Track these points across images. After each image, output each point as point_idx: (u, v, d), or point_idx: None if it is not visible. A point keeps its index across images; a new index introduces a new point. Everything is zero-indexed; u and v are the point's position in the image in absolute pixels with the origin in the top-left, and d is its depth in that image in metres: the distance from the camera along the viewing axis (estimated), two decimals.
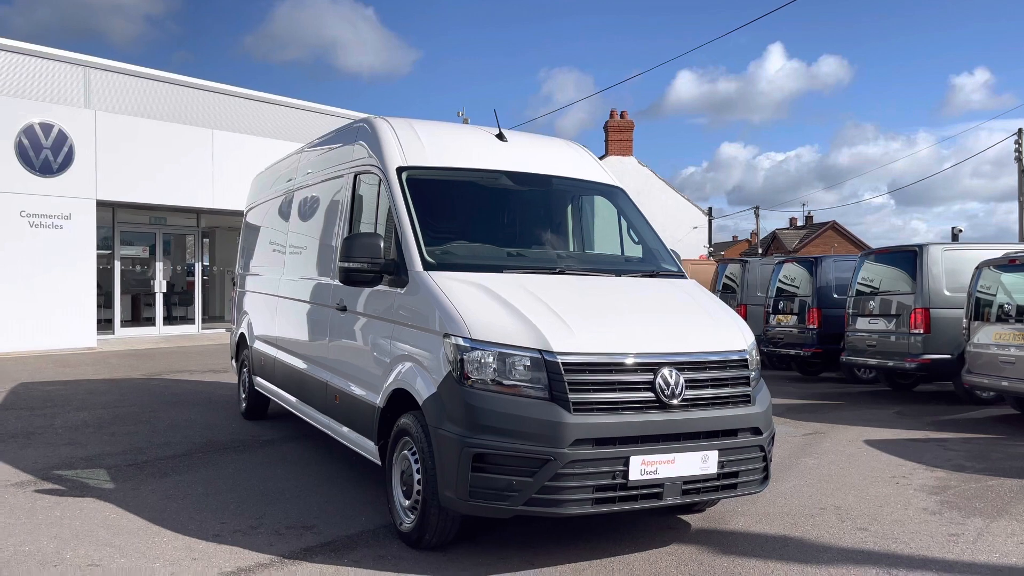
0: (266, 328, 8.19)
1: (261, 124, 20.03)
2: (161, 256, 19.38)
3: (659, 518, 5.34)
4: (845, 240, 65.42)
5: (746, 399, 4.72)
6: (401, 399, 4.89)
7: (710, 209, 39.41)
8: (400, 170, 5.43)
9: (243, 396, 9.08)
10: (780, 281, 15.02)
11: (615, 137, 38.53)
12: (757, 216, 55.63)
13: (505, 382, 4.28)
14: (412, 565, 4.47)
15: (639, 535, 5.02)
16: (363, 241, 5.10)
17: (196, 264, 20.61)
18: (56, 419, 8.86)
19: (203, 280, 21.38)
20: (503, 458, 4.17)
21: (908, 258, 11.37)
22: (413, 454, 4.70)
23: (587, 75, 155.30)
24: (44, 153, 15.67)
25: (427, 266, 4.90)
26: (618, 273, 5.44)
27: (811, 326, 13.80)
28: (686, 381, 4.47)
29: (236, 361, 9.52)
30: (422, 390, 4.59)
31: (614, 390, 4.33)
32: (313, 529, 5.11)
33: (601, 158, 40.02)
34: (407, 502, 4.78)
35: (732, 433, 4.59)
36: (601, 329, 4.50)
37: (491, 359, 4.30)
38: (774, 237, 72.58)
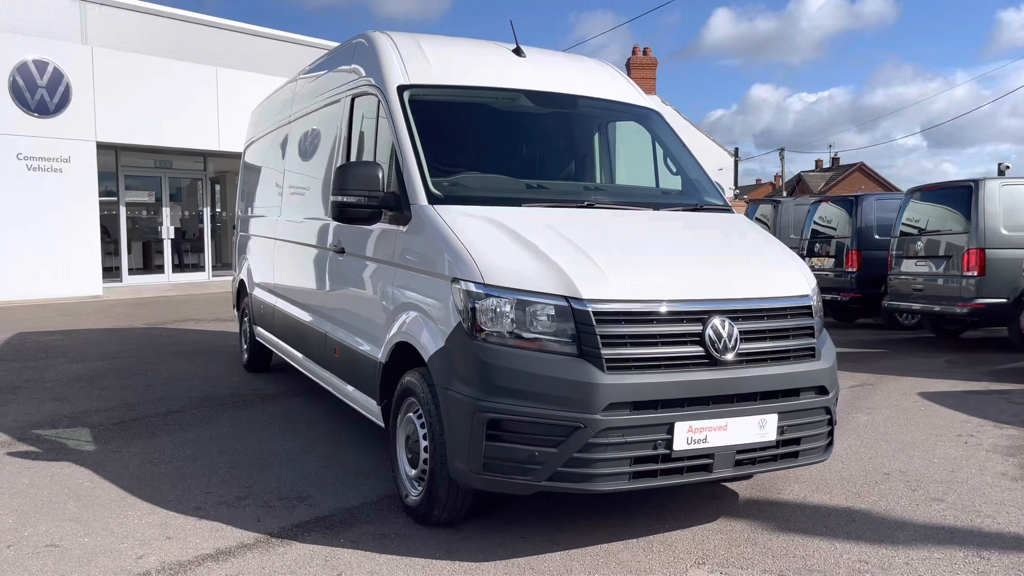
0: (265, 274, 7.54)
1: (268, 61, 19.08)
2: (168, 202, 18.73)
3: (703, 487, 4.67)
4: (873, 182, 63.58)
5: (810, 353, 4.00)
6: (405, 354, 4.21)
7: (736, 150, 38.09)
8: (401, 89, 4.68)
9: (244, 347, 8.48)
10: (816, 222, 14.16)
11: (638, 75, 37.02)
12: (782, 158, 54.14)
13: (525, 335, 3.58)
14: (418, 546, 3.85)
15: (681, 508, 4.36)
16: (358, 171, 4.37)
17: (205, 210, 19.94)
18: (47, 371, 8.32)
19: (215, 226, 20.77)
20: (523, 425, 3.50)
21: (961, 195, 10.47)
22: (419, 417, 4.04)
23: (622, 16, 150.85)
24: (40, 92, 14.93)
25: (432, 199, 4.17)
26: (656, 207, 4.68)
27: (850, 269, 12.96)
28: (741, 332, 3.76)
29: (237, 310, 8.91)
30: (428, 344, 3.91)
31: (656, 344, 3.62)
32: (308, 500, 4.49)
33: None
34: (413, 472, 4.14)
35: (794, 393, 3.89)
36: (639, 272, 3.77)
37: (508, 308, 3.60)
38: (799, 179, 70.84)
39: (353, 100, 5.27)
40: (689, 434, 3.59)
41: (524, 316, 3.58)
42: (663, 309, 3.65)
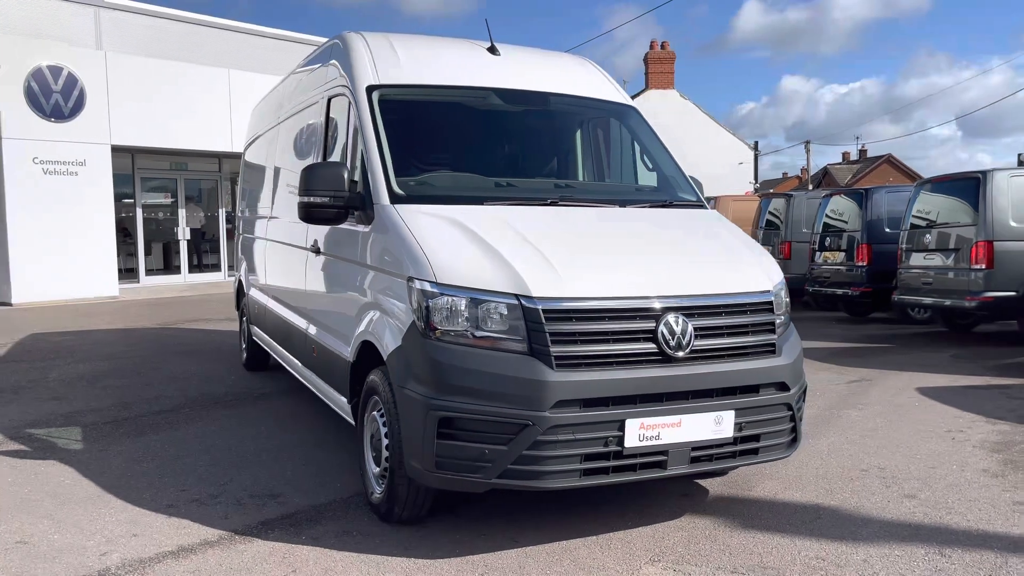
0: (259, 275, 7.63)
1: (279, 62, 19.24)
2: (183, 203, 18.97)
3: (673, 485, 4.65)
4: (901, 174, 62.55)
5: (770, 349, 3.97)
6: (370, 353, 4.25)
7: (756, 144, 37.76)
8: (370, 89, 4.71)
9: (243, 346, 8.59)
10: (827, 216, 13.99)
11: (655, 69, 36.90)
12: (808, 151, 53.44)
13: (477, 333, 3.60)
14: (378, 543, 3.88)
15: (646, 505, 4.36)
16: (323, 172, 4.41)
17: (220, 211, 20.16)
18: (52, 372, 8.48)
19: (231, 227, 20.97)
20: (473, 423, 3.52)
21: (969, 186, 10.29)
22: (382, 416, 4.07)
23: (648, 10, 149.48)
24: (54, 97, 15.19)
25: (395, 199, 4.20)
26: (622, 204, 4.67)
27: (860, 263, 12.80)
28: (696, 329, 3.74)
29: (238, 309, 9.02)
30: (388, 343, 3.94)
31: (608, 341, 3.62)
32: (279, 498, 4.55)
33: (641, 92, 38.62)
34: (377, 469, 4.17)
35: (753, 389, 3.86)
36: (593, 269, 3.77)
37: (460, 307, 3.61)
38: (825, 172, 69.99)
39: (329, 101, 5.32)
40: (641, 431, 3.58)
41: (476, 315, 3.60)
42: (615, 306, 3.64)
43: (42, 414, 6.62)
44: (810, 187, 55.12)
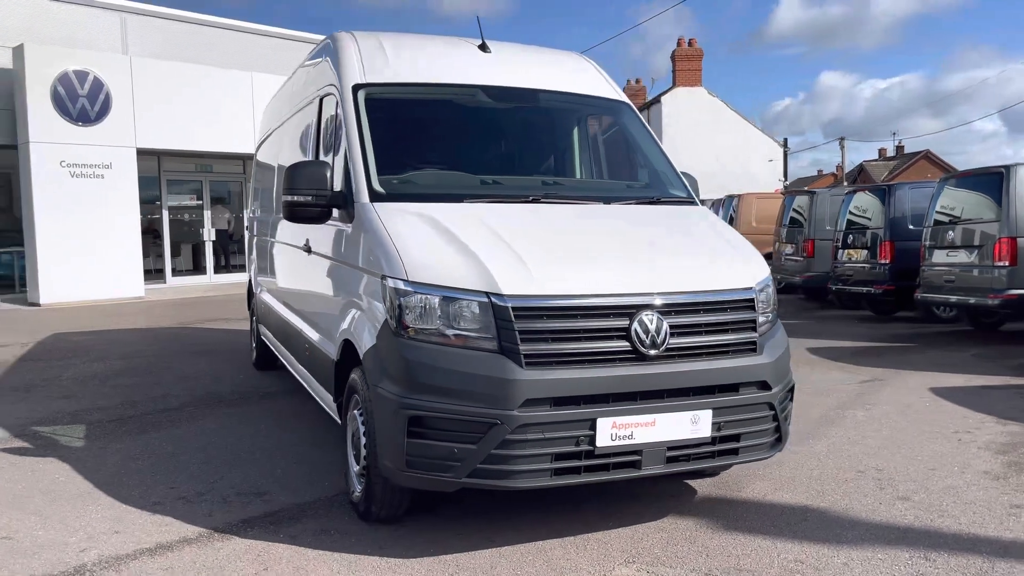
0: (264, 274, 7.69)
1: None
2: (209, 204, 19.21)
3: (661, 485, 4.59)
4: (940, 170, 61.17)
5: (751, 347, 3.89)
6: (352, 351, 4.25)
7: (785, 141, 37.25)
8: (357, 88, 4.71)
9: (253, 345, 8.67)
10: (851, 212, 13.73)
11: (683, 66, 36.55)
12: (842, 147, 52.60)
13: (448, 332, 3.57)
14: (354, 542, 3.87)
15: (631, 505, 4.30)
16: (306, 170, 4.42)
17: (246, 212, 20.35)
18: (67, 371, 8.63)
19: None
20: (443, 422, 3.50)
21: (993, 181, 10.03)
22: (362, 414, 4.07)
23: (686, 7, 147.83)
24: (81, 101, 15.47)
25: (375, 197, 4.19)
26: (607, 201, 4.61)
27: (883, 261, 12.55)
28: (671, 327, 3.68)
29: (249, 309, 9.10)
30: (365, 341, 3.93)
31: (579, 339, 3.57)
32: (265, 496, 4.57)
33: (668, 89, 38.31)
34: (357, 468, 4.17)
35: (732, 388, 3.79)
36: (566, 266, 3.72)
37: (432, 305, 3.59)
38: (861, 170, 68.87)
39: (321, 100, 5.33)
40: (613, 430, 3.53)
41: (447, 313, 3.58)
42: (586, 304, 3.60)
43: (50, 412, 6.73)
44: (844, 184, 54.31)
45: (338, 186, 4.47)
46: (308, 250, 5.25)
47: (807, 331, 11.35)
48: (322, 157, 5.24)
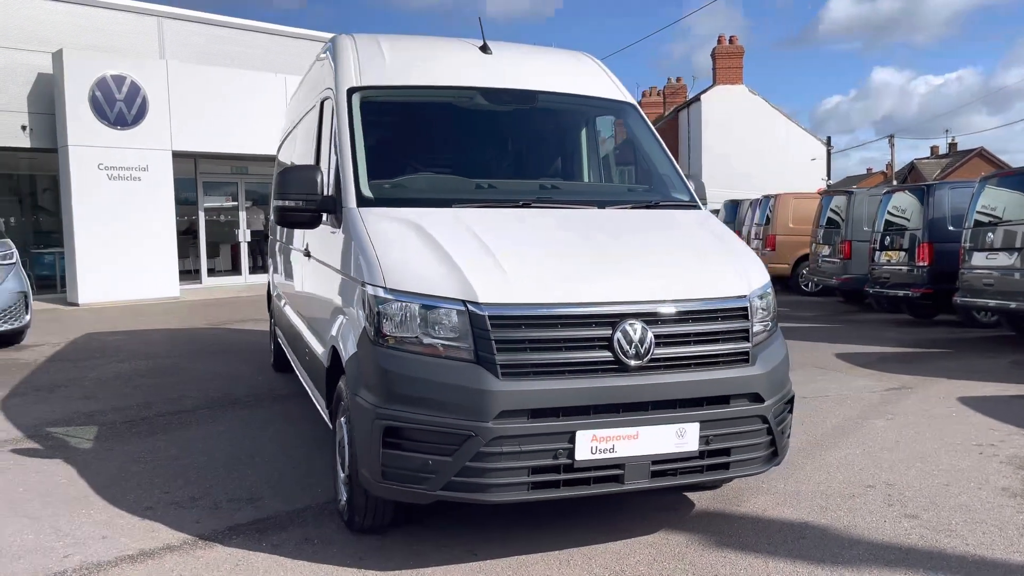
0: (278, 277, 7.71)
1: None
2: (244, 205, 19.44)
3: (658, 498, 4.45)
4: (994, 168, 59.53)
5: (743, 358, 3.73)
6: (339, 358, 4.20)
7: (828, 139, 36.41)
8: (351, 91, 4.66)
9: (272, 347, 8.70)
10: (889, 213, 13.33)
11: (723, 64, 36.00)
12: (892, 145, 51.38)
13: (425, 340, 3.49)
14: (335, 552, 3.82)
15: (623, 519, 4.17)
16: (297, 175, 4.38)
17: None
18: (92, 371, 8.76)
19: None
20: (418, 433, 3.42)
21: None
22: (347, 423, 4.01)
23: (735, 5, 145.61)
24: (118, 105, 15.77)
25: (363, 202, 4.13)
26: (601, 205, 4.48)
27: (921, 263, 12.15)
28: (656, 337, 3.55)
29: (269, 311, 9.15)
30: (348, 349, 3.87)
31: (558, 349, 3.46)
32: (257, 502, 4.54)
33: (708, 88, 37.77)
34: (343, 475, 4.12)
35: (722, 400, 3.65)
36: (547, 274, 3.62)
37: (410, 313, 3.52)
38: (912, 168, 67.18)
39: (322, 104, 5.30)
40: (593, 443, 3.41)
41: (424, 321, 3.50)
42: (567, 312, 3.49)
43: (67, 413, 6.82)
44: (894, 183, 53.02)
45: (331, 190, 4.42)
46: (307, 254, 5.23)
47: (838, 335, 11.05)
48: (322, 161, 5.21)
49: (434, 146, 4.97)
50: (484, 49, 5.16)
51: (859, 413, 6.47)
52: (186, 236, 18.84)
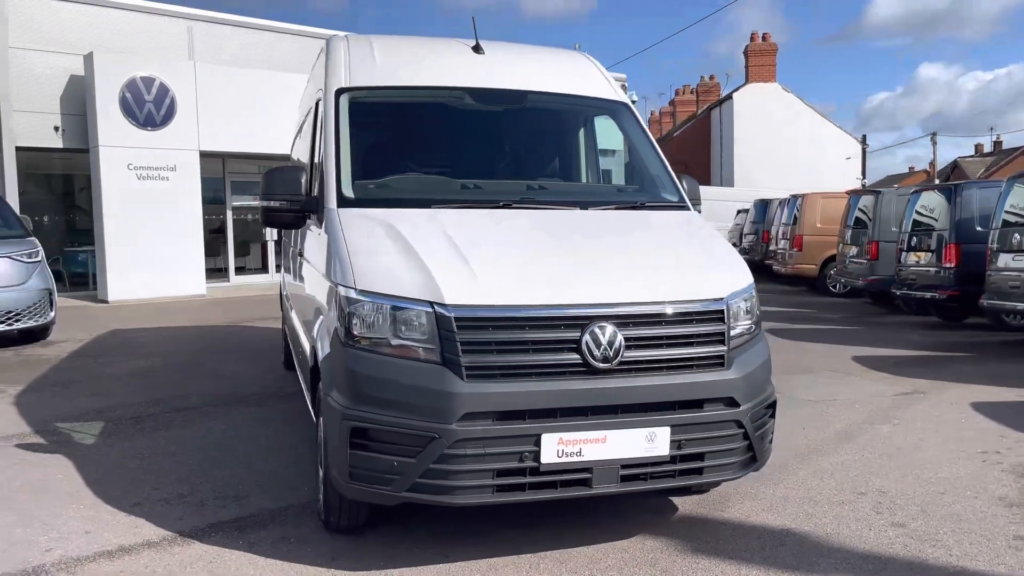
0: (286, 276, 7.79)
1: None
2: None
3: (641, 501, 4.41)
4: None
5: (717, 361, 3.67)
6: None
7: (863, 138, 35.78)
8: (340, 92, 4.68)
9: (284, 346, 8.79)
10: (917, 213, 13.04)
11: (756, 62, 35.53)
12: (934, 143, 50.40)
13: (393, 342, 3.49)
14: (309, 551, 3.84)
15: (602, 522, 4.13)
16: (281, 175, 4.42)
17: None
18: (110, 367, 8.92)
19: None
20: (384, 434, 3.42)
21: None
22: (323, 423, 4.03)
23: (776, 13, 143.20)
24: (147, 106, 16.05)
25: (344, 202, 4.15)
26: (584, 206, 4.44)
27: (948, 264, 11.86)
28: (627, 339, 3.51)
29: (281, 310, 9.24)
30: (323, 349, 3.89)
31: (526, 351, 3.44)
32: (242, 500, 4.58)
33: (741, 86, 37.31)
34: (321, 475, 4.14)
35: (695, 404, 3.59)
36: (516, 275, 3.60)
37: (378, 314, 3.52)
38: (955, 166, 65.67)
39: (317, 104, 5.33)
40: (560, 446, 3.39)
41: (392, 322, 3.50)
42: (534, 315, 3.46)
43: (77, 408, 6.95)
44: (936, 182, 51.90)
45: (318, 191, 4.45)
46: (301, 254, 5.27)
47: (859, 338, 10.85)
48: (316, 161, 5.24)
49: (423, 146, 4.97)
50: (476, 49, 5.14)
51: (865, 418, 6.34)
52: (216, 235, 19.11)
